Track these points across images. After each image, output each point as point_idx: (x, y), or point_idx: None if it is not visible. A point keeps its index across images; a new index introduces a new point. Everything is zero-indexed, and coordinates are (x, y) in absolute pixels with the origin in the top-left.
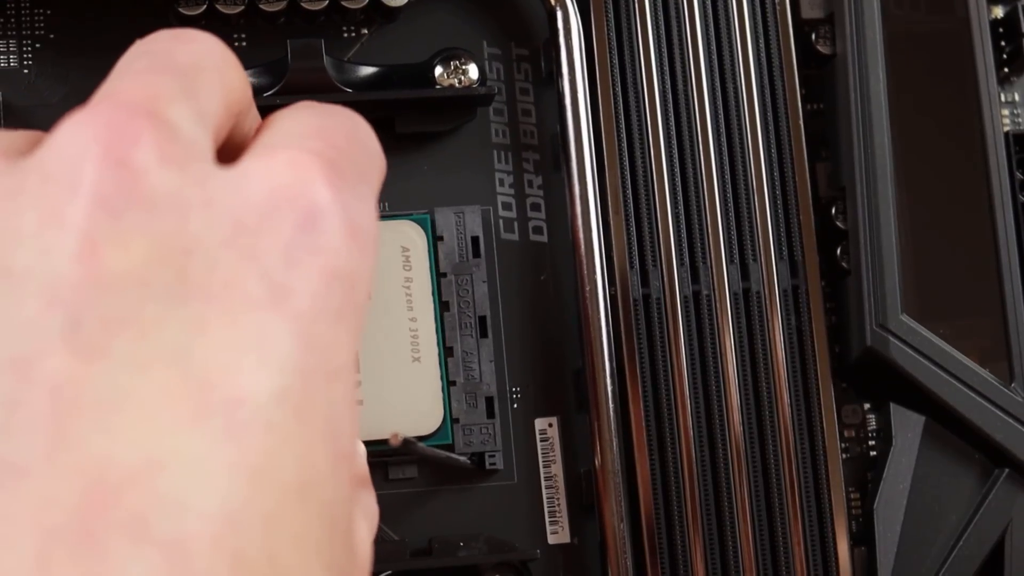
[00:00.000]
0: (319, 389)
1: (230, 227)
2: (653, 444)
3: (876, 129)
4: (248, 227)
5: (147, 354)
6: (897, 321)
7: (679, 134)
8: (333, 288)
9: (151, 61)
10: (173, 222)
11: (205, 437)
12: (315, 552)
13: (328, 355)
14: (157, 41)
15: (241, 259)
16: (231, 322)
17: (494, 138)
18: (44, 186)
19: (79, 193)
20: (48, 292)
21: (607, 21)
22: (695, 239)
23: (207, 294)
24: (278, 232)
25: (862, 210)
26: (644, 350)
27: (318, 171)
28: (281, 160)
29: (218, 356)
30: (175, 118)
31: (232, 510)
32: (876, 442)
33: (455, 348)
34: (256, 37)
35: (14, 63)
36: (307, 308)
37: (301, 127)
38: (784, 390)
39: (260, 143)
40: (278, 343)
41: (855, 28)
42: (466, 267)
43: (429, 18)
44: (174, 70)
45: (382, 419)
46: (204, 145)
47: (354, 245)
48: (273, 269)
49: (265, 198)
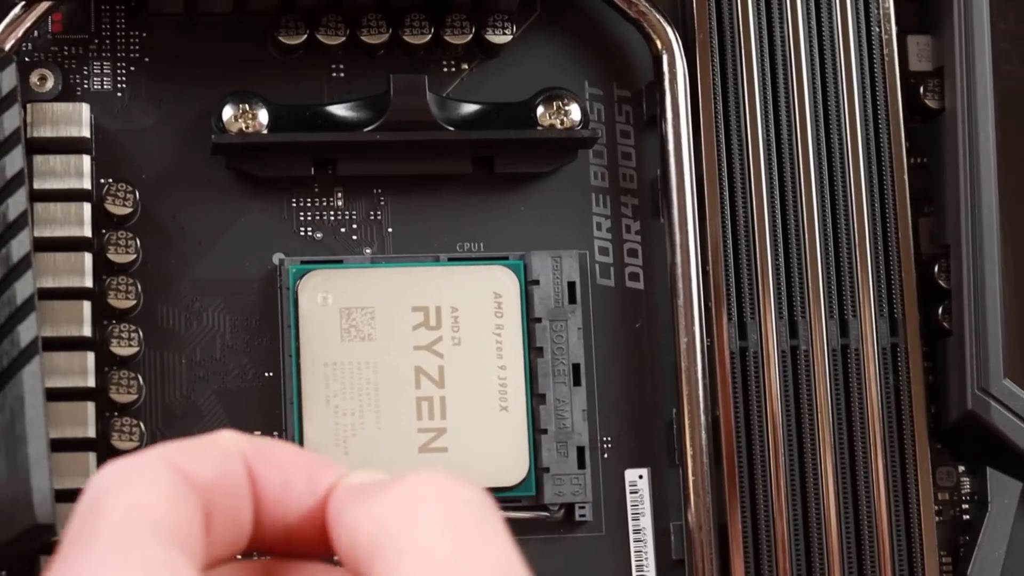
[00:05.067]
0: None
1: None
2: (745, 500)
3: (984, 187)
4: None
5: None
6: (999, 385)
7: (781, 184)
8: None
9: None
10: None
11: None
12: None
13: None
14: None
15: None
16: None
17: (593, 181)
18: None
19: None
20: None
21: (712, 66)
22: (794, 292)
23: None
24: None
25: (967, 269)
26: (739, 403)
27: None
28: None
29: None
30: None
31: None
32: (970, 506)
33: (547, 395)
34: (354, 68)
35: (108, 85)
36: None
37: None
38: (879, 450)
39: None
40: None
41: (966, 83)
42: (561, 313)
43: (530, 56)
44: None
45: (466, 470)
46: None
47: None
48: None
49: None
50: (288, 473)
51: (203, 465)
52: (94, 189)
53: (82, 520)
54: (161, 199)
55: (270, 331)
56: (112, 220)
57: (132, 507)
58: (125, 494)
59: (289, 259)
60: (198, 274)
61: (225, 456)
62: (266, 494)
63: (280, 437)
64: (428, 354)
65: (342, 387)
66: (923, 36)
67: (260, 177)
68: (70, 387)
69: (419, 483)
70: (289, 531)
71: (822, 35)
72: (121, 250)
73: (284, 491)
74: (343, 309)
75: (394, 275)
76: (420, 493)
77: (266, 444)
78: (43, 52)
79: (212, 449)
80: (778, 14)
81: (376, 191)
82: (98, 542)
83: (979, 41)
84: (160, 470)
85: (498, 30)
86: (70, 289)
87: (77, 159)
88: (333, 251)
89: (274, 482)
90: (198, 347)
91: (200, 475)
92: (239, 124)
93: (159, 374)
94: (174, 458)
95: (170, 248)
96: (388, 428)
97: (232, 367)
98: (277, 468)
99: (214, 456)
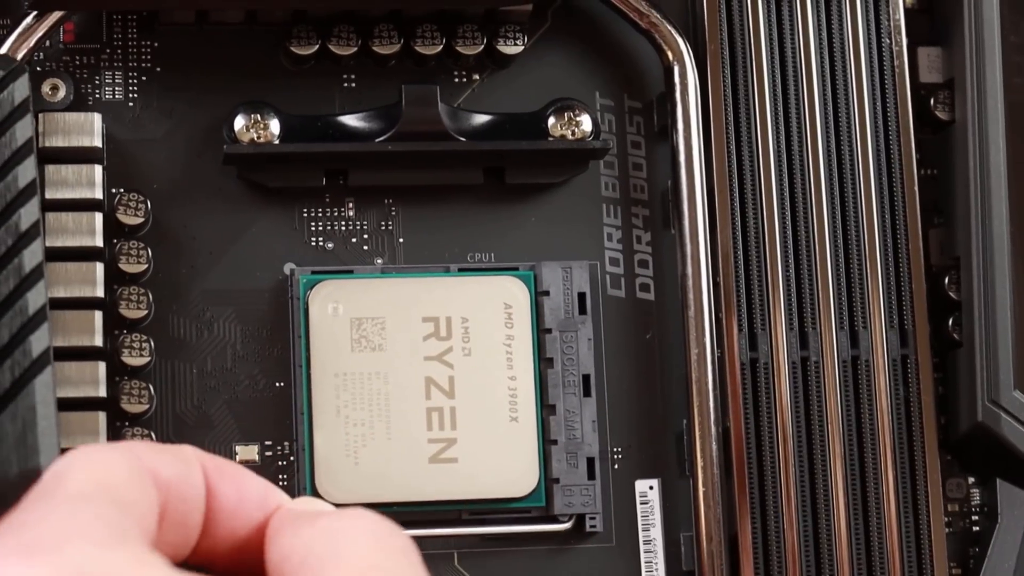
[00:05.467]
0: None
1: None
2: (755, 511)
3: (994, 199)
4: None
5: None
6: (1009, 397)
7: (792, 195)
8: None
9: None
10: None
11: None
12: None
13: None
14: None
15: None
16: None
17: (603, 191)
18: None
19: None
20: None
21: (723, 78)
22: (805, 304)
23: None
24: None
25: (977, 281)
26: (749, 415)
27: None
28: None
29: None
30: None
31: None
32: (980, 517)
33: (557, 406)
34: (366, 78)
35: (119, 95)
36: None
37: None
38: (889, 461)
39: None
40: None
41: (976, 95)
42: (572, 323)
43: (541, 66)
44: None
45: (476, 480)
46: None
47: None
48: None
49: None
50: (243, 491)
51: (165, 466)
52: (106, 199)
53: (43, 486)
54: (172, 209)
55: (281, 341)
56: (123, 230)
57: (93, 479)
58: (88, 469)
59: (300, 269)
60: (209, 284)
61: (187, 463)
62: (221, 507)
63: (290, 447)
64: (438, 364)
65: (352, 397)
66: (934, 48)
67: (271, 187)
68: (82, 397)
69: (354, 516)
70: (238, 546)
71: (833, 46)
72: (132, 260)
73: (237, 507)
74: (354, 319)
75: (405, 285)
76: (353, 524)
77: (226, 462)
78: (55, 62)
79: (176, 454)
80: (789, 25)
81: (387, 201)
82: (54, 499)
83: (989, 53)
84: (126, 457)
85: (509, 41)
86: (81, 299)
87: (89, 169)
88: (344, 261)
89: (230, 497)
90: (209, 357)
91: (161, 473)
92: (251, 134)
93: (170, 384)
94: (140, 453)
95: (181, 258)
96: (398, 438)
97: (243, 377)
98: (233, 485)
99: (177, 461)
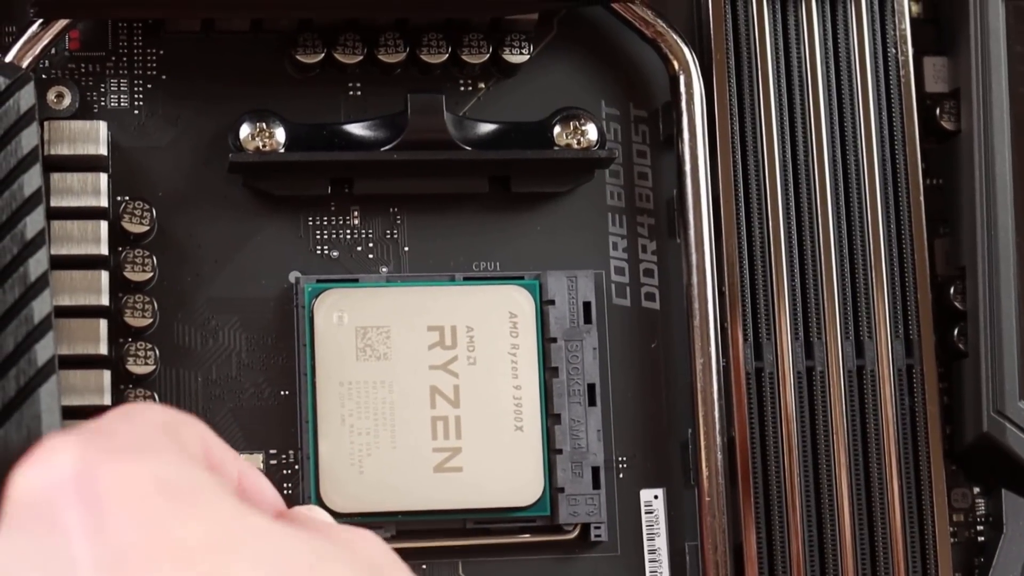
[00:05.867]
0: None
1: None
2: (761, 520)
3: (1000, 208)
4: None
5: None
6: (1015, 407)
7: (797, 204)
8: None
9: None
10: None
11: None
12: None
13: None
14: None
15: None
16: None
17: (609, 200)
18: None
19: None
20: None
21: (729, 87)
22: (810, 313)
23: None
24: None
25: (983, 291)
26: (755, 424)
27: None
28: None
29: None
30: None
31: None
32: (985, 527)
33: (562, 415)
34: (371, 87)
35: (125, 103)
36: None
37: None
38: (894, 471)
39: None
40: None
41: (982, 105)
42: (577, 333)
43: (547, 75)
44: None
45: (481, 489)
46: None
47: None
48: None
49: None
50: (263, 493)
51: (218, 444)
52: (111, 207)
53: (120, 411)
54: (178, 217)
55: (286, 349)
56: (129, 238)
57: (162, 418)
58: (157, 411)
59: (305, 277)
60: (214, 292)
61: (231, 451)
62: (246, 499)
63: (295, 456)
64: (443, 373)
65: (357, 406)
66: (939, 57)
67: (277, 195)
68: (87, 405)
69: (365, 534)
70: None
71: (839, 56)
72: (137, 268)
73: (259, 505)
74: (359, 328)
75: (410, 294)
76: (363, 535)
77: (250, 464)
78: (60, 69)
79: (225, 446)
80: (795, 35)
81: (392, 210)
82: (132, 422)
83: (995, 63)
84: (188, 419)
85: (515, 50)
86: (86, 307)
87: (94, 177)
88: (349, 270)
89: (253, 495)
90: (214, 365)
91: (214, 450)
92: (256, 142)
93: (175, 392)
94: (197, 424)
95: (186, 266)
96: (403, 447)
97: (248, 385)
98: (256, 486)
99: (225, 445)
